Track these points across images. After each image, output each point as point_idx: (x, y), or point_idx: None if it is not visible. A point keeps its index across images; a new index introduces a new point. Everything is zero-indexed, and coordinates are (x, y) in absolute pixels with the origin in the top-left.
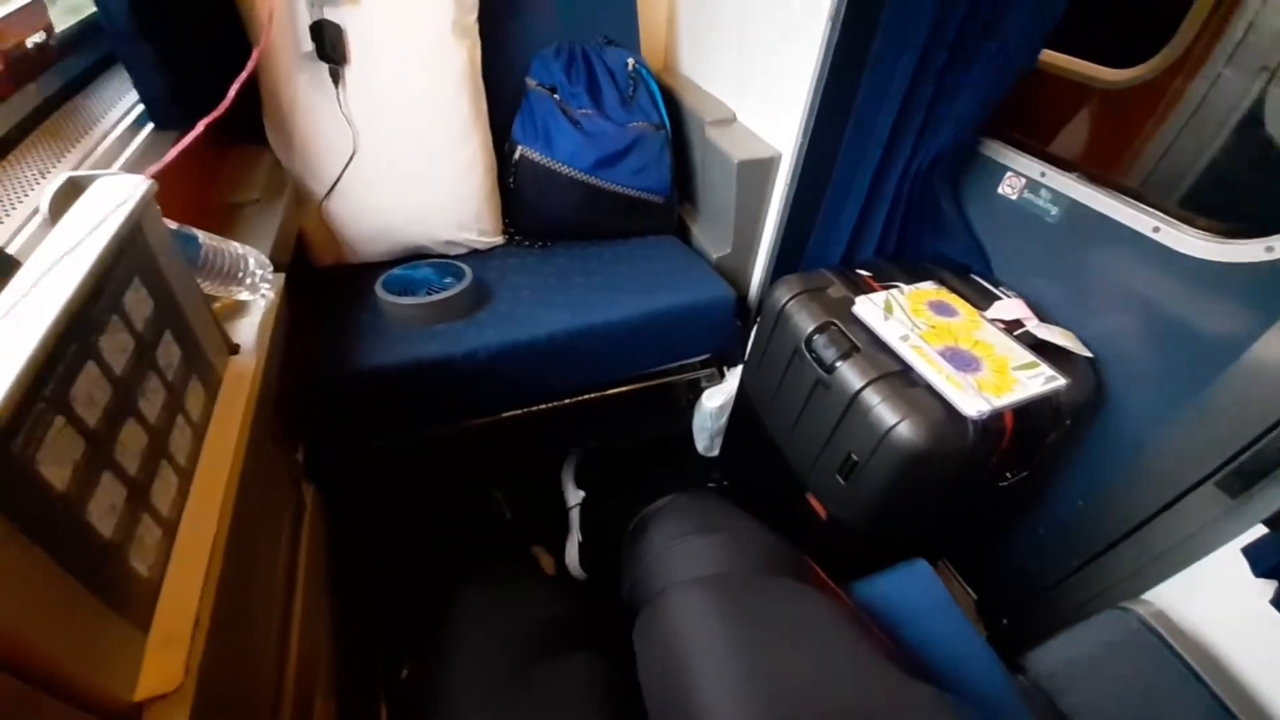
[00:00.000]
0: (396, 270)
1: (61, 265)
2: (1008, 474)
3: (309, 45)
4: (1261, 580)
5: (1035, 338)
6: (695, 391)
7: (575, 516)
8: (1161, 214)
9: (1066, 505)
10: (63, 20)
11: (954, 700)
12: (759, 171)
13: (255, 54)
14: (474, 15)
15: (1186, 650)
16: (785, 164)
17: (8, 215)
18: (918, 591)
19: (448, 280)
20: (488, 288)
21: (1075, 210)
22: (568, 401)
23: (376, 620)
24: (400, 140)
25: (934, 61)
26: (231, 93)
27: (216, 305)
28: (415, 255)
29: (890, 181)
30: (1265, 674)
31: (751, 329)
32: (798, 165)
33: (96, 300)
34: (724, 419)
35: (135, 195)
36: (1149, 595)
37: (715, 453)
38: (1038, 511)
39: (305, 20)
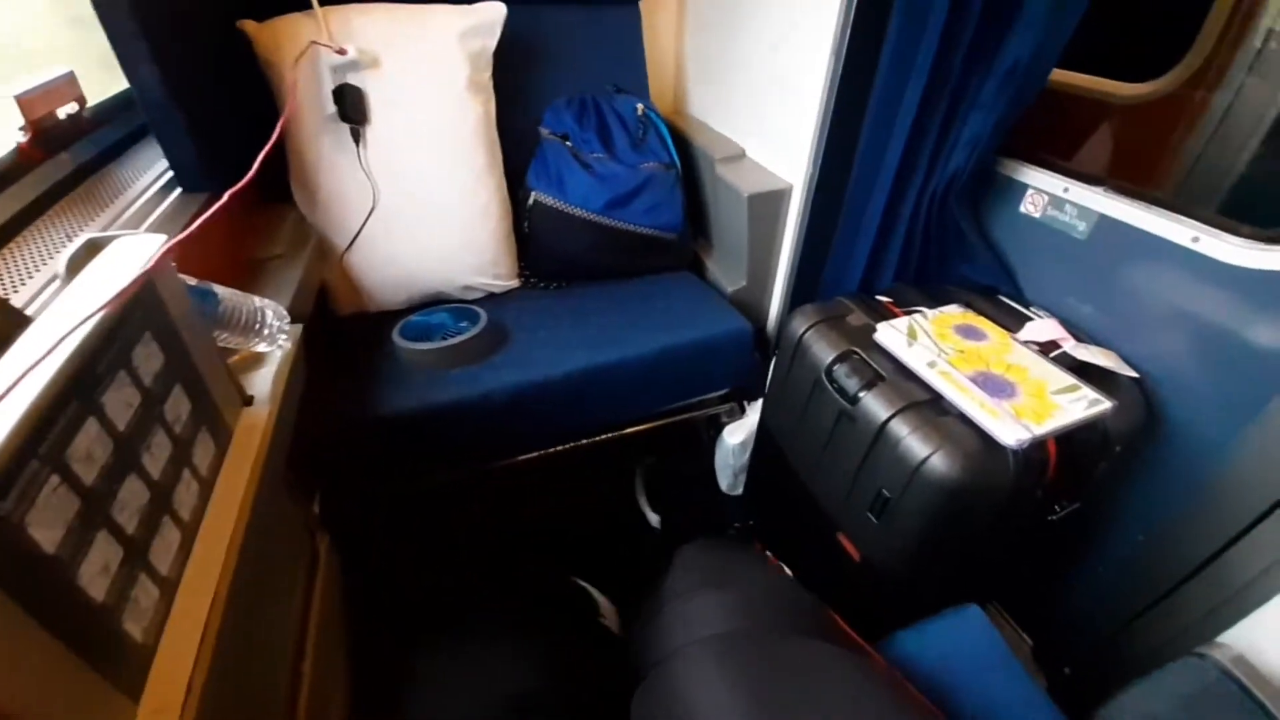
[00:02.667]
0: (413, 317)
1: (68, 323)
2: (1056, 507)
3: (332, 108)
4: None
5: (1074, 359)
6: (717, 428)
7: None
8: (1200, 223)
9: (1126, 541)
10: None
11: None
12: (770, 204)
13: (280, 123)
14: (488, 73)
15: (1271, 699)
16: (797, 195)
17: (30, 278)
18: (970, 641)
19: (463, 325)
20: (504, 330)
21: (1105, 225)
22: (585, 442)
23: (390, 671)
24: (418, 192)
25: (942, 86)
26: (256, 164)
27: (235, 358)
28: (434, 301)
29: (905, 207)
30: None
31: (770, 362)
32: (809, 196)
33: (102, 357)
34: (746, 455)
35: (146, 254)
36: (1226, 637)
37: (739, 491)
38: (1095, 549)
39: (329, 85)
